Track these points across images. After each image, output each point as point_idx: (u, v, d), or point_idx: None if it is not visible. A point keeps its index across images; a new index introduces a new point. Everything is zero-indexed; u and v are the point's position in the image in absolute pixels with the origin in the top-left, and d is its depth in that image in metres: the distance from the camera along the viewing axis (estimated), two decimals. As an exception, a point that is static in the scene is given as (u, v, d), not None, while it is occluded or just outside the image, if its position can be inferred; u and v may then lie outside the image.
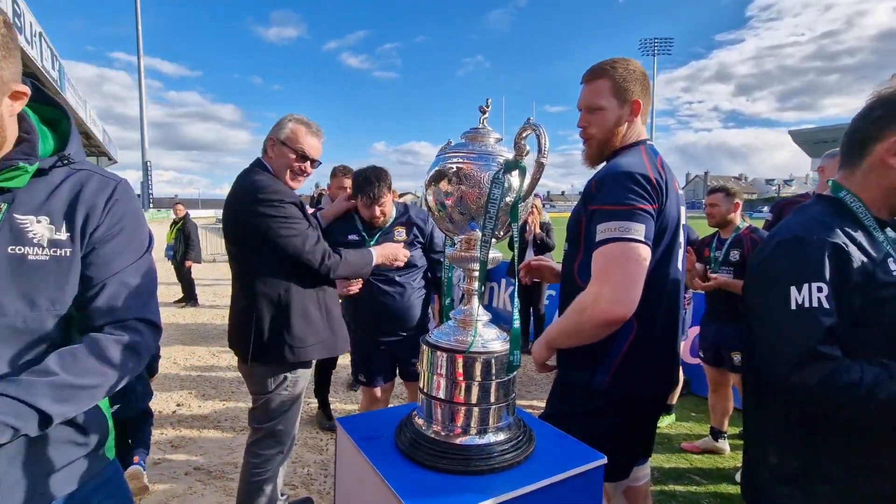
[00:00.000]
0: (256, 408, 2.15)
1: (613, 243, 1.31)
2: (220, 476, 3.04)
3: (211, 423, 3.80)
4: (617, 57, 1.57)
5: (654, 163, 1.44)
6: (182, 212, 8.77)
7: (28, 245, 0.93)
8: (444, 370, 1.14)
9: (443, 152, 1.18)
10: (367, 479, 1.12)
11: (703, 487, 3.01)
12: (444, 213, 1.15)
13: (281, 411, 2.13)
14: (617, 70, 1.52)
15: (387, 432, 1.23)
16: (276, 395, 2.11)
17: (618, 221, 1.32)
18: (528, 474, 1.07)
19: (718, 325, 3.25)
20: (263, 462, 2.14)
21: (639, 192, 1.34)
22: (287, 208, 1.99)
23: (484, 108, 1.20)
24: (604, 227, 1.34)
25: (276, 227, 1.96)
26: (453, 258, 1.19)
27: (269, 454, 2.14)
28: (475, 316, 1.18)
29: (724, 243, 3.24)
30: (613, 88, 1.52)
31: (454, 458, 1.08)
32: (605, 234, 1.33)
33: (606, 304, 1.29)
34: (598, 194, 1.40)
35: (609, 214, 1.34)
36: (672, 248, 1.47)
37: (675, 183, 1.50)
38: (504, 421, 1.16)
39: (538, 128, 1.03)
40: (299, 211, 2.05)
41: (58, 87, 9.62)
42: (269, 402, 2.11)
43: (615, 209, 1.33)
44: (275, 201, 1.97)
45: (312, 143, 2.10)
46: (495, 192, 1.05)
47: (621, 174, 1.37)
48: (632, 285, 1.29)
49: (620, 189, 1.35)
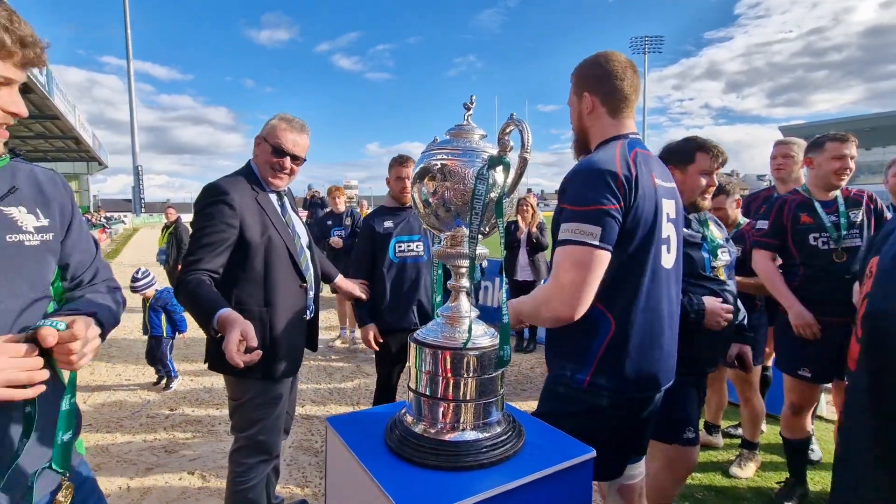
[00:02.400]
0: (233, 414, 2.08)
1: (570, 246, 1.34)
2: (214, 480, 3.02)
3: (205, 428, 3.77)
4: (598, 52, 1.59)
5: (627, 158, 1.41)
6: (174, 215, 8.72)
7: (21, 233, 1.02)
8: (432, 367, 1.14)
9: (428, 149, 1.18)
10: (358, 478, 1.12)
11: (696, 481, 3.03)
12: (430, 209, 1.16)
13: (257, 419, 2.03)
14: (577, 69, 1.60)
15: (377, 431, 1.23)
16: (248, 402, 2.02)
17: (576, 223, 1.34)
18: (517, 469, 1.08)
19: None
20: (246, 471, 2.07)
21: (602, 189, 1.34)
22: (212, 208, 1.89)
23: (468, 105, 1.20)
24: (564, 227, 1.37)
25: (195, 226, 1.92)
26: (439, 255, 1.19)
27: (250, 462, 2.07)
28: (464, 313, 1.19)
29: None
30: (574, 86, 1.60)
31: (443, 454, 1.09)
32: (564, 235, 1.37)
33: (557, 304, 1.36)
34: (566, 191, 1.43)
35: (571, 215, 1.37)
36: (649, 243, 1.44)
37: (652, 177, 1.47)
38: (493, 417, 1.16)
39: (521, 123, 1.03)
40: (228, 211, 1.90)
41: (46, 91, 9.54)
42: (243, 409, 2.03)
43: (576, 210, 1.36)
44: (203, 200, 1.93)
45: (291, 138, 2.04)
46: (480, 188, 1.06)
47: (586, 171, 1.39)
48: (580, 290, 1.33)
49: (583, 187, 1.37)
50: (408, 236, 2.96)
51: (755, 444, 3.13)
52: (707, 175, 1.99)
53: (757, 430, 3.13)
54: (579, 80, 1.59)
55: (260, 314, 1.96)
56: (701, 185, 2.00)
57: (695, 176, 1.99)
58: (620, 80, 1.52)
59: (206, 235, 1.87)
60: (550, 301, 1.36)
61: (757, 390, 3.11)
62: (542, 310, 1.40)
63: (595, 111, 1.55)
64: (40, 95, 9.51)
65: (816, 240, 2.60)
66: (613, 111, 1.54)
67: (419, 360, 1.16)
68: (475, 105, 1.21)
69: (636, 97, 1.59)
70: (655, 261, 1.47)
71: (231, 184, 1.97)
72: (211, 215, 1.89)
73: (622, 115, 1.55)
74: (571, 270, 1.33)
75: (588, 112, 1.56)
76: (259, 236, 1.96)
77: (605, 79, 1.53)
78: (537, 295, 1.44)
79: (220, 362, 1.94)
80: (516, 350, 5.89)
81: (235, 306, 1.84)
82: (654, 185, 1.46)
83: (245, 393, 2.02)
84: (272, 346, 1.96)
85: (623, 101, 1.54)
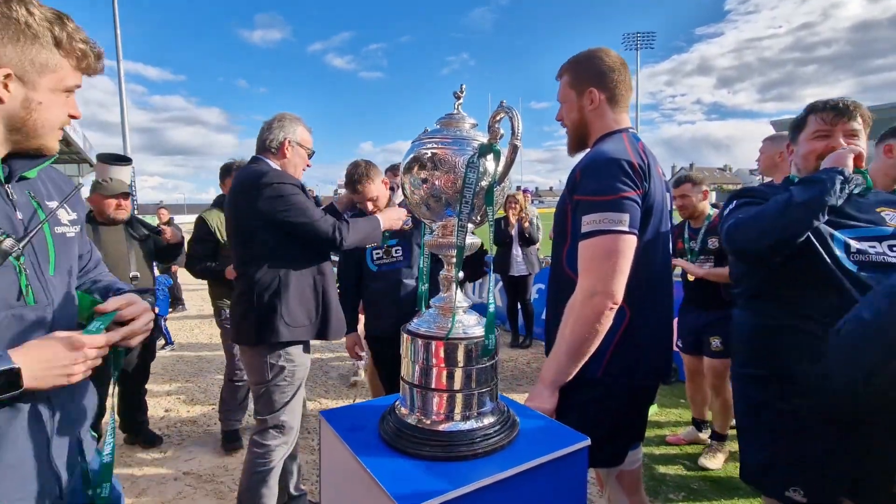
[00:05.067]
0: (259, 398, 2.21)
1: (599, 236, 1.33)
2: (210, 480, 3.00)
3: (200, 428, 3.76)
4: (592, 48, 1.60)
5: (636, 148, 1.44)
6: (166, 216, 8.67)
7: (63, 225, 1.11)
8: (425, 358, 1.13)
9: (418, 139, 1.17)
10: (351, 470, 1.11)
11: (692, 472, 3.04)
12: (421, 199, 1.15)
13: (282, 402, 2.19)
14: (574, 64, 1.60)
15: (370, 423, 1.23)
16: (274, 385, 2.16)
17: (602, 213, 1.33)
18: (512, 458, 1.07)
19: (698, 312, 3.23)
20: (266, 453, 2.19)
21: (623, 178, 1.35)
22: (298, 193, 2.14)
23: (458, 94, 1.19)
24: (588, 219, 1.35)
25: (284, 209, 2.08)
26: (431, 245, 1.18)
27: (272, 445, 2.20)
28: (455, 303, 1.18)
29: (697, 232, 3.22)
30: (573, 81, 1.59)
31: (437, 444, 1.08)
32: (590, 227, 1.35)
33: (600, 296, 1.32)
34: (581, 183, 1.41)
35: (593, 205, 1.35)
36: (658, 232, 1.46)
37: (657, 169, 1.50)
38: (487, 406, 1.16)
39: (511, 110, 1.02)
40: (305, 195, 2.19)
41: (34, 92, 9.45)
42: (269, 392, 2.17)
43: (599, 200, 1.35)
44: (287, 184, 2.11)
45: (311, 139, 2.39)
46: (470, 177, 1.05)
47: (604, 161, 1.38)
48: (618, 276, 1.32)
49: (604, 177, 1.36)
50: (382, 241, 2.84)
51: (725, 436, 3.16)
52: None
53: (727, 423, 3.15)
54: (580, 75, 1.58)
55: (314, 281, 2.25)
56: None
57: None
58: (621, 74, 1.55)
59: (312, 209, 2.15)
60: (593, 296, 1.32)
61: (728, 383, 3.13)
62: (583, 316, 1.34)
63: (599, 106, 1.56)
64: (29, 97, 9.42)
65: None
66: (615, 105, 1.56)
67: (412, 351, 1.15)
68: (465, 95, 1.20)
69: (631, 93, 1.61)
70: (662, 248, 1.49)
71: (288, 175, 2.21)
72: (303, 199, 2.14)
73: (620, 110, 1.57)
74: (608, 259, 1.32)
75: (592, 107, 1.56)
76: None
77: (608, 73, 1.54)
78: (567, 318, 1.39)
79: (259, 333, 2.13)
80: (511, 346, 5.90)
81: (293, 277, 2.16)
82: (661, 177, 1.48)
83: (272, 373, 2.16)
84: (324, 310, 2.26)
85: (623, 96, 1.56)
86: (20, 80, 0.93)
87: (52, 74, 0.96)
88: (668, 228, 1.55)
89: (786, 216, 1.39)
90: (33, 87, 0.95)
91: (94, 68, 1.05)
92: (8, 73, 0.91)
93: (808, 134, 1.60)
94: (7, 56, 0.90)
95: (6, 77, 0.91)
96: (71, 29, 0.97)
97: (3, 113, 0.94)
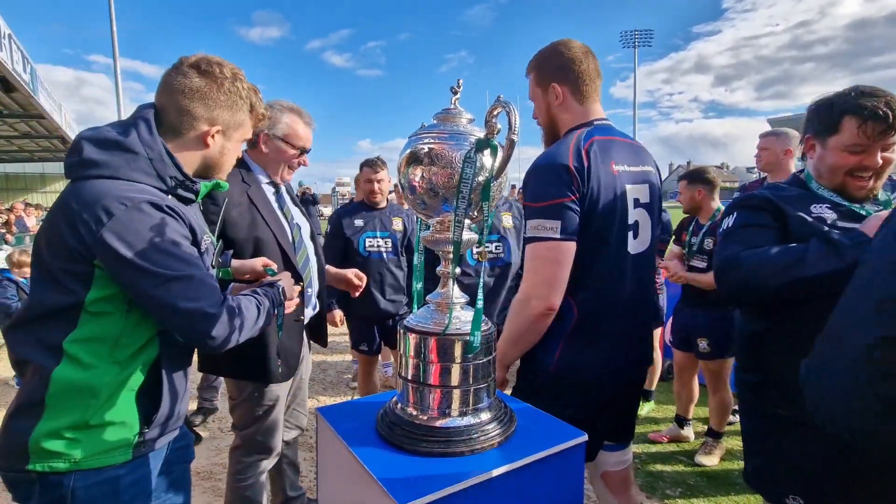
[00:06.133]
0: (234, 411, 2.08)
1: (536, 242, 1.40)
2: (208, 477, 3.00)
3: (199, 427, 3.75)
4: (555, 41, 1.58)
5: (580, 149, 1.40)
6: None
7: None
8: (422, 353, 1.13)
9: (415, 134, 1.17)
10: (349, 467, 1.11)
11: (689, 468, 3.05)
12: (418, 195, 1.14)
13: (254, 419, 2.03)
14: (537, 60, 1.59)
15: (367, 420, 1.22)
16: (245, 403, 2.02)
17: (538, 219, 1.39)
18: (508, 454, 1.07)
19: (691, 310, 3.22)
20: (245, 469, 2.08)
21: (556, 183, 1.37)
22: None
23: (455, 89, 1.19)
24: (529, 225, 1.42)
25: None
26: (428, 241, 1.18)
27: (249, 461, 2.08)
28: (452, 299, 1.18)
29: (700, 229, 3.17)
30: (537, 78, 1.59)
31: (435, 440, 1.08)
32: (529, 232, 1.41)
33: (535, 301, 1.39)
34: (527, 187, 1.46)
35: (532, 211, 1.41)
36: (609, 231, 1.43)
37: (611, 165, 1.44)
38: (484, 402, 1.16)
39: (508, 105, 1.02)
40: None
41: (30, 90, 9.35)
42: (242, 409, 2.04)
43: (536, 206, 1.40)
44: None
45: (308, 135, 2.06)
46: (467, 172, 1.04)
47: (542, 166, 1.42)
48: (552, 283, 1.38)
49: (541, 182, 1.41)
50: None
51: (720, 434, 3.18)
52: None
53: (724, 421, 3.17)
54: (542, 71, 1.57)
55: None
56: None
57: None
58: (583, 65, 1.52)
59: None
60: (529, 300, 1.41)
61: (727, 383, 3.13)
62: (522, 317, 1.42)
63: (564, 101, 1.54)
64: (25, 94, 9.33)
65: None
66: (581, 98, 1.54)
67: (408, 347, 1.15)
68: (462, 91, 1.20)
69: (600, 80, 1.57)
70: (619, 248, 1.46)
71: None
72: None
73: (589, 101, 1.55)
74: (541, 266, 1.38)
75: (558, 103, 1.55)
76: (245, 233, 1.88)
77: (569, 66, 1.52)
78: (513, 304, 1.47)
79: (209, 363, 2.00)
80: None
81: None
82: (614, 173, 1.44)
83: (241, 393, 2.01)
84: (265, 350, 1.90)
85: (590, 86, 1.53)
86: (223, 134, 1.26)
87: (241, 130, 1.31)
88: (636, 223, 1.50)
89: (789, 274, 1.24)
90: (229, 138, 1.29)
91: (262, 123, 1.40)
92: (219, 130, 1.25)
93: (843, 145, 1.36)
94: (222, 118, 1.25)
95: (217, 132, 1.25)
96: (260, 98, 1.33)
97: (205, 154, 1.27)
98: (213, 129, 1.23)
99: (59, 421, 1.07)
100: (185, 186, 1.22)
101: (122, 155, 1.12)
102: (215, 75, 1.22)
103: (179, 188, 1.21)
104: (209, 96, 1.21)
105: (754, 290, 1.33)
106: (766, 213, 1.43)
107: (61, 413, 1.08)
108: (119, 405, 1.13)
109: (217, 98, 1.22)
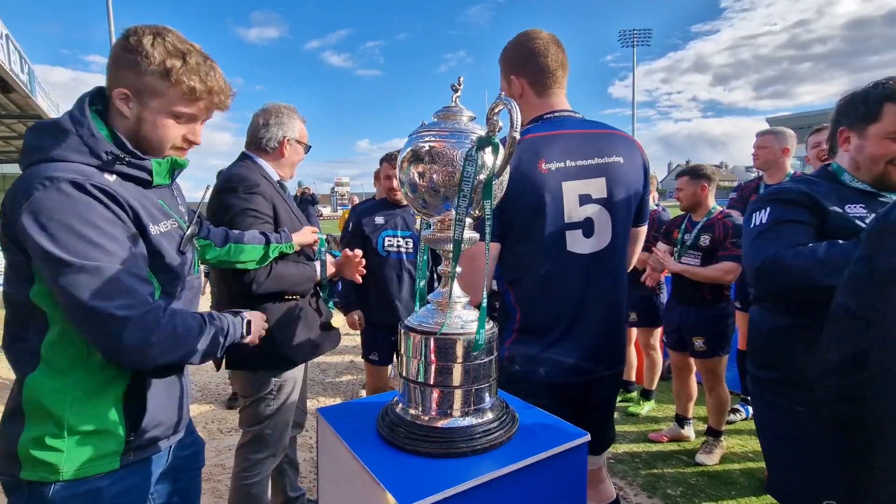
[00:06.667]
0: (244, 410, 2.12)
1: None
2: (207, 478, 2.99)
3: (198, 426, 3.72)
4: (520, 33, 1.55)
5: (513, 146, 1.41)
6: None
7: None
8: (422, 353, 1.12)
9: (415, 132, 1.16)
10: (349, 468, 1.10)
11: (690, 468, 3.05)
12: (418, 194, 1.13)
13: (266, 415, 2.09)
14: (502, 54, 1.56)
15: (368, 420, 1.22)
16: (259, 399, 2.07)
17: None
18: (511, 454, 1.06)
19: (682, 309, 3.22)
20: (252, 466, 2.10)
21: None
22: (255, 198, 1.97)
23: (456, 87, 1.17)
24: None
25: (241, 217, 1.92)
26: (428, 240, 1.17)
27: (257, 458, 2.11)
28: (452, 298, 1.17)
29: (694, 226, 3.17)
30: (502, 71, 1.56)
31: (436, 441, 1.07)
32: None
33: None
34: None
35: None
36: (538, 231, 1.41)
37: (539, 164, 1.40)
38: (486, 402, 1.15)
39: (510, 102, 1.01)
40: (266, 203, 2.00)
41: (28, 90, 9.30)
42: (255, 405, 2.08)
43: None
44: (248, 188, 1.96)
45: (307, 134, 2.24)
46: (468, 170, 1.04)
47: None
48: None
49: None
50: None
51: (720, 432, 3.18)
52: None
53: (722, 419, 3.18)
54: (505, 64, 1.55)
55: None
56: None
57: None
58: (544, 56, 1.49)
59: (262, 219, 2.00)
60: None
61: (723, 380, 3.14)
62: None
63: (523, 94, 1.51)
64: (22, 95, 9.29)
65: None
66: (540, 90, 1.51)
67: (409, 347, 1.14)
68: (462, 89, 1.19)
69: (564, 72, 1.53)
70: (557, 248, 1.43)
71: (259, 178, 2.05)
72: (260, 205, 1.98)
73: (549, 94, 1.52)
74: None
75: (518, 96, 1.53)
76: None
77: (529, 59, 1.49)
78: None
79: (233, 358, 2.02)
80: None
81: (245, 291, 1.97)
82: (541, 172, 1.41)
83: (259, 390, 2.05)
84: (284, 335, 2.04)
85: (550, 78, 1.50)
86: (135, 101, 1.15)
87: (159, 99, 1.16)
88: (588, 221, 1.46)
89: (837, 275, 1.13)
90: (145, 106, 1.16)
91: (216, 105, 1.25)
92: (125, 93, 1.14)
93: (885, 132, 1.32)
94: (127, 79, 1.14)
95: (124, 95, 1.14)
96: (194, 68, 1.16)
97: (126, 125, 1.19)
98: (118, 90, 1.14)
99: (39, 429, 1.03)
100: (129, 163, 1.14)
101: (53, 135, 1.09)
102: (127, 35, 1.14)
103: (120, 164, 1.13)
104: (118, 57, 1.14)
105: (808, 291, 1.26)
106: (803, 208, 1.37)
107: (38, 421, 1.04)
108: (101, 412, 1.07)
109: (122, 57, 1.13)
